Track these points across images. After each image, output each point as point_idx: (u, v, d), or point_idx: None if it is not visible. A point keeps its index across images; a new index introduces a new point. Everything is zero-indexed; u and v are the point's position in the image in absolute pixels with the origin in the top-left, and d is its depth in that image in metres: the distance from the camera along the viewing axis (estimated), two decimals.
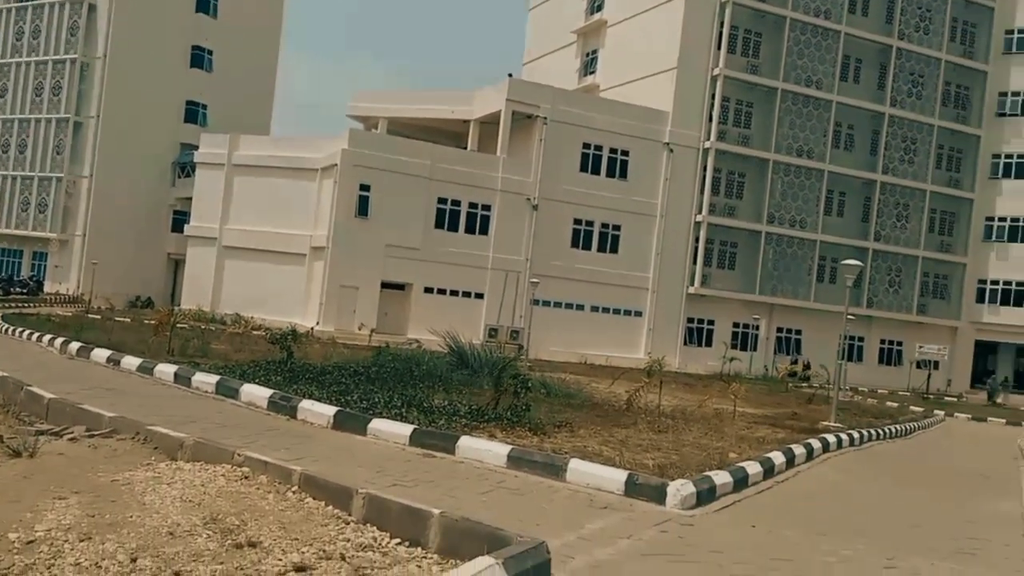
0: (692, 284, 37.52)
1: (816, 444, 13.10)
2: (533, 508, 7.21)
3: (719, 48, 37.48)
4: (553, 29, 44.88)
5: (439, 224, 33.94)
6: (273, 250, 35.21)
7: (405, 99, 39.90)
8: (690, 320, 37.90)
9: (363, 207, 32.82)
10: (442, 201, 33.92)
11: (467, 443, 9.32)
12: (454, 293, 34.12)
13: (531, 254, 34.83)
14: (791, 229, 39.04)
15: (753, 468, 9.93)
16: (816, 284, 39.34)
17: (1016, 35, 43.24)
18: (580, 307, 35.84)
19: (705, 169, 37.55)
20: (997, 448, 18.79)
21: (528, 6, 48.46)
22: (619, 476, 8.34)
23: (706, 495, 8.33)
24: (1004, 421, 27.68)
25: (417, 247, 33.33)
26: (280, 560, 4.50)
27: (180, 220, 43.27)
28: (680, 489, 8.03)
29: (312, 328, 27.42)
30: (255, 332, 25.60)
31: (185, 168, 44.34)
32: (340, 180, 32.72)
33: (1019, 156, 42.65)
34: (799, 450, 12.05)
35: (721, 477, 8.96)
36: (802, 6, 38.87)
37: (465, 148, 36.94)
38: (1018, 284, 42.17)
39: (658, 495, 8.01)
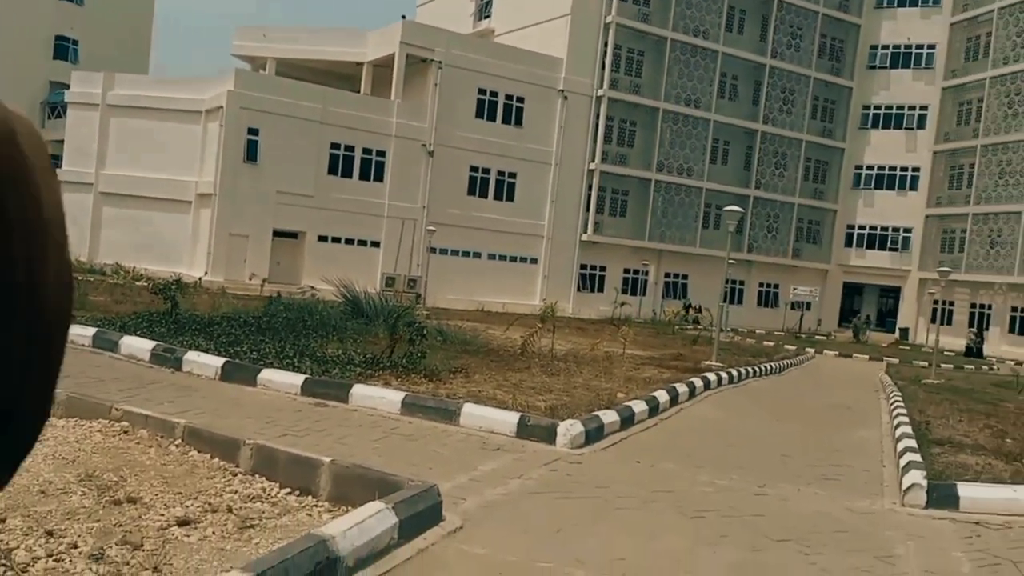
0: (585, 231, 38.20)
1: (698, 383, 13.77)
2: (426, 453, 7.32)
3: None
4: None
5: (332, 170, 33.09)
6: (155, 197, 33.47)
7: (294, 38, 38.29)
8: (583, 267, 38.68)
9: (252, 152, 31.58)
10: (335, 146, 33.03)
11: (361, 391, 9.31)
12: (349, 241, 33.53)
13: (428, 202, 34.52)
14: (679, 177, 40.16)
15: (639, 407, 10.37)
16: (702, 230, 40.77)
17: None
18: (477, 255, 35.95)
19: (598, 117, 37.98)
20: (861, 382, 20.24)
21: None
22: (511, 418, 8.54)
23: (594, 434, 8.65)
24: (867, 357, 29.78)
25: (310, 194, 32.44)
26: (162, 515, 4.43)
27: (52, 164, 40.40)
28: (569, 429, 8.31)
29: (200, 278, 26.41)
30: (137, 283, 24.47)
31: (56, 108, 41.31)
32: (226, 123, 31.29)
33: (886, 107, 45.11)
34: (682, 389, 12.64)
35: (609, 416, 9.32)
36: None
37: (358, 91, 35.94)
38: (882, 229, 45.04)
39: (548, 435, 8.27)
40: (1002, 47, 40.39)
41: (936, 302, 32.06)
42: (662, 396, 11.51)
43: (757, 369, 18.35)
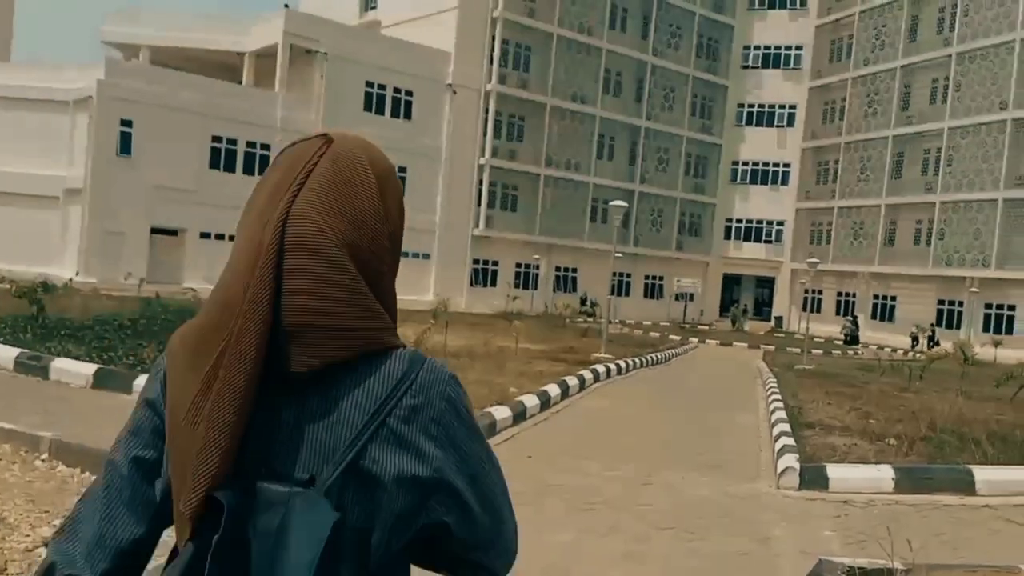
0: (477, 226, 38.32)
1: (588, 375, 14.08)
2: None
3: None
4: None
5: (215, 164, 31.81)
6: (18, 192, 31.19)
7: (170, 25, 36.53)
8: (475, 261, 38.80)
9: (125, 145, 29.93)
10: (217, 139, 31.77)
11: None
12: (234, 239, 32.23)
13: None
14: (567, 172, 40.87)
15: (531, 401, 10.52)
16: (590, 224, 41.65)
17: None
18: None
19: (487, 112, 38.14)
20: (740, 370, 21.22)
21: None
22: None
23: (486, 431, 8.71)
24: (746, 345, 31.24)
25: (191, 189, 31.06)
26: (27, 536, 4.16)
27: None
28: None
29: (71, 279, 24.85)
30: None
31: None
32: (97, 115, 29.50)
33: (759, 106, 47.40)
34: (572, 381, 12.90)
35: (501, 412, 9.40)
36: None
37: (240, 83, 34.69)
38: (757, 222, 47.36)
39: None
40: (863, 49, 43.13)
41: (807, 291, 33.99)
42: (553, 390, 11.71)
43: (644, 360, 18.94)
